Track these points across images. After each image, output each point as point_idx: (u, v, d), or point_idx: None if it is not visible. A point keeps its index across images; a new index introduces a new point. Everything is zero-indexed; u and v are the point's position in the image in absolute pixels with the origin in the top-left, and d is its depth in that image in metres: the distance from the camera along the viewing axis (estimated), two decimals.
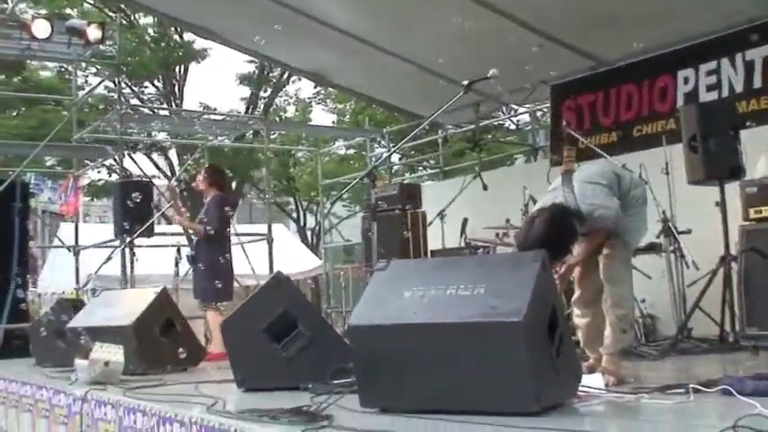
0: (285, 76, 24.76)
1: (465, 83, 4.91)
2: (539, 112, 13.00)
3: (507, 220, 8.64)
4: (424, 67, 11.28)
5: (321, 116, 29.13)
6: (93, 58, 13.25)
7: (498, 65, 4.73)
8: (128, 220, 9.57)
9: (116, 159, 11.40)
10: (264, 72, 24.68)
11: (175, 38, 23.35)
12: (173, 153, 23.61)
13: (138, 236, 9.71)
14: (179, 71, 24.13)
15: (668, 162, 7.53)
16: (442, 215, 9.86)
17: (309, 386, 3.90)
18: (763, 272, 6.18)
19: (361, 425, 2.97)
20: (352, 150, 24.25)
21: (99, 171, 20.99)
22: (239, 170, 23.49)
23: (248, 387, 4.58)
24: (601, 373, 4.14)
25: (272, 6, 10.08)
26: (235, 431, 3.18)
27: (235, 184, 23.74)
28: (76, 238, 12.13)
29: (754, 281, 6.23)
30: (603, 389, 3.75)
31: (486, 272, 3.33)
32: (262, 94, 25.83)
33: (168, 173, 22.97)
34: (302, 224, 27.60)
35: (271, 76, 25.11)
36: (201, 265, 8.04)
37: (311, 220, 27.02)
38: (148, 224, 9.65)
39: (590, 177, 4.52)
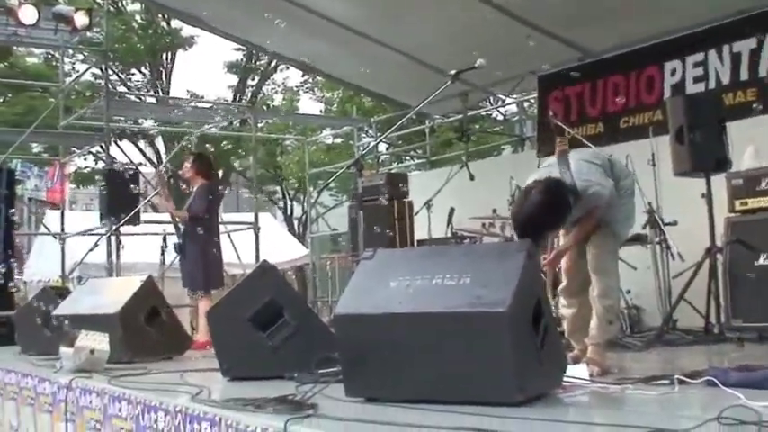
0: (273, 65, 24.73)
1: (452, 72, 4.91)
2: (526, 103, 13.02)
3: (494, 211, 8.66)
4: (413, 57, 11.29)
5: (308, 105, 29.20)
6: (81, 45, 13.21)
7: (486, 55, 4.74)
8: (113, 208, 9.53)
9: (102, 147, 11.35)
10: (252, 60, 24.62)
11: (163, 24, 23.26)
12: (159, 141, 23.53)
13: (125, 223, 9.68)
14: (166, 58, 24.05)
15: (654, 153, 7.54)
16: (428, 205, 9.84)
17: (295, 375, 3.87)
18: (749, 264, 6.22)
19: (347, 414, 2.96)
20: (339, 139, 24.24)
21: (85, 158, 20.92)
22: (226, 158, 23.44)
23: (233, 376, 4.56)
24: (586, 364, 4.13)
25: None
26: (219, 420, 3.17)
27: (221, 172, 23.69)
28: (62, 225, 12.10)
29: (739, 273, 6.27)
30: (588, 379, 3.75)
31: (473, 261, 3.32)
32: (249, 82, 25.79)
33: (155, 161, 22.88)
34: (289, 213, 27.59)
35: (258, 64, 25.08)
36: (190, 253, 8.01)
37: (298, 210, 27.02)
38: (134, 212, 9.62)
39: (586, 157, 4.56)
